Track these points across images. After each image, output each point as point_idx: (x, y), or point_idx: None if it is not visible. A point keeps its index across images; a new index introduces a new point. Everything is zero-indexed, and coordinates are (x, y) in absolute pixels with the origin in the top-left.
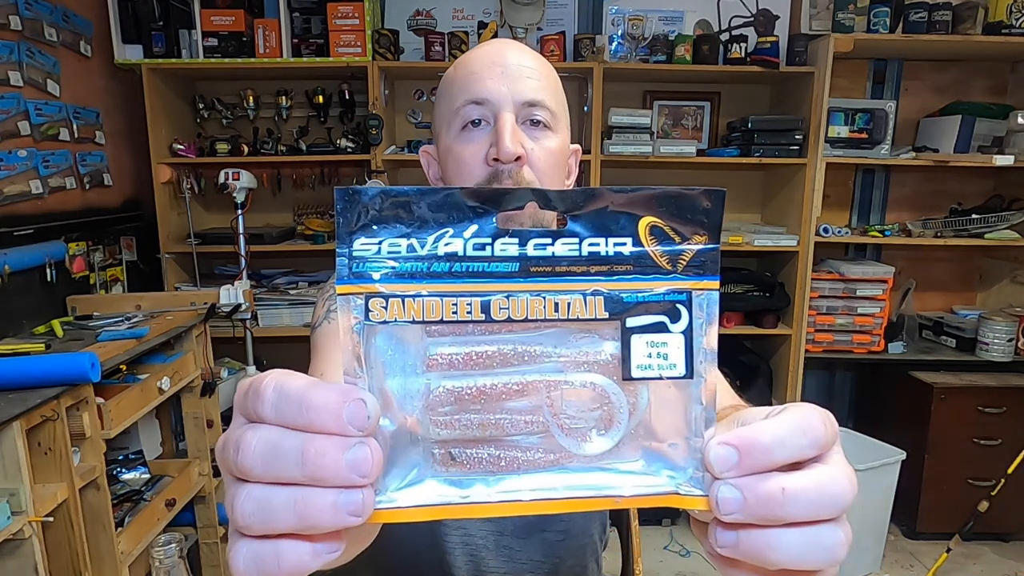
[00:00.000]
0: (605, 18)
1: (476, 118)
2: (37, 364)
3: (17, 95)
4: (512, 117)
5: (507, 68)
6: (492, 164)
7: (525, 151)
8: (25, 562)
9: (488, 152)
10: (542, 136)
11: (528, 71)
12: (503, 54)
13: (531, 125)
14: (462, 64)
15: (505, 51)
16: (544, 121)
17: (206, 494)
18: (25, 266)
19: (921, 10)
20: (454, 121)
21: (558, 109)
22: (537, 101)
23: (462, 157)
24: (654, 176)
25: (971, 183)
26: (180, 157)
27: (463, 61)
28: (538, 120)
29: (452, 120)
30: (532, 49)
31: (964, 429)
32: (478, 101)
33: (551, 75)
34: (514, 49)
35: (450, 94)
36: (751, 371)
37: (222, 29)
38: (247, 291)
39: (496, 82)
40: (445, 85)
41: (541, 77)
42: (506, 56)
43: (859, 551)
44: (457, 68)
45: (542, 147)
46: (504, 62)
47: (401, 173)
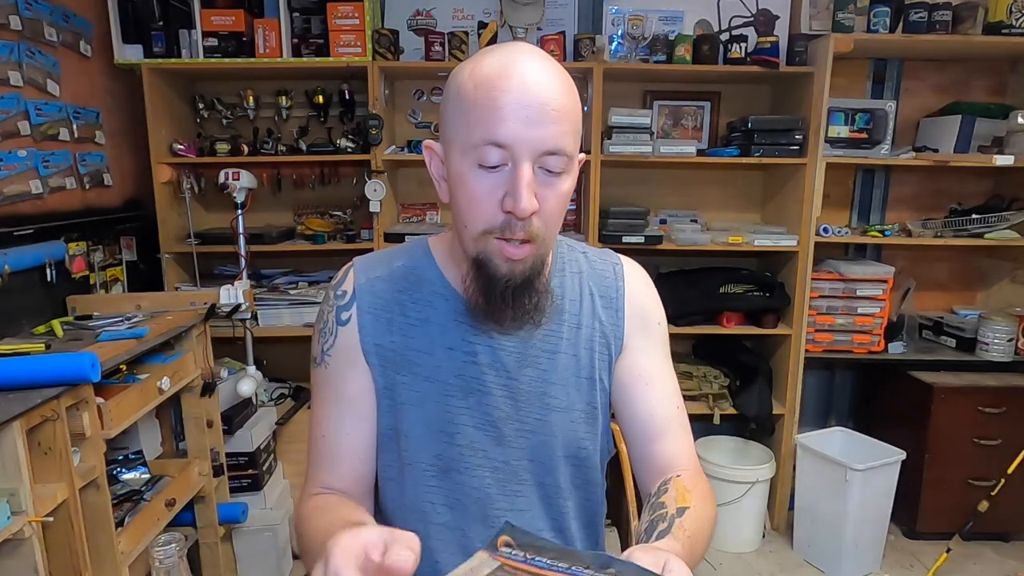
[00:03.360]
0: (605, 18)
1: (494, 162)
2: (37, 364)
3: (17, 95)
4: (531, 168)
5: (530, 107)
6: (506, 214)
7: (538, 200)
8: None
9: (503, 199)
10: (556, 182)
11: (554, 114)
12: (528, 87)
13: (547, 173)
14: (483, 86)
15: (529, 80)
16: (560, 168)
17: (206, 494)
18: (25, 266)
19: (921, 10)
20: (469, 152)
21: (574, 146)
22: (557, 149)
23: (475, 195)
24: (654, 176)
25: (971, 183)
26: (180, 157)
27: (484, 81)
28: (554, 167)
29: (467, 150)
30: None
31: (964, 429)
32: (499, 144)
33: (573, 104)
34: (542, 81)
35: (467, 117)
36: (751, 371)
37: (222, 29)
38: (247, 291)
39: (519, 126)
40: (462, 100)
41: (565, 118)
42: (531, 89)
43: (859, 551)
44: (478, 87)
45: (555, 193)
46: (530, 102)
47: (401, 173)
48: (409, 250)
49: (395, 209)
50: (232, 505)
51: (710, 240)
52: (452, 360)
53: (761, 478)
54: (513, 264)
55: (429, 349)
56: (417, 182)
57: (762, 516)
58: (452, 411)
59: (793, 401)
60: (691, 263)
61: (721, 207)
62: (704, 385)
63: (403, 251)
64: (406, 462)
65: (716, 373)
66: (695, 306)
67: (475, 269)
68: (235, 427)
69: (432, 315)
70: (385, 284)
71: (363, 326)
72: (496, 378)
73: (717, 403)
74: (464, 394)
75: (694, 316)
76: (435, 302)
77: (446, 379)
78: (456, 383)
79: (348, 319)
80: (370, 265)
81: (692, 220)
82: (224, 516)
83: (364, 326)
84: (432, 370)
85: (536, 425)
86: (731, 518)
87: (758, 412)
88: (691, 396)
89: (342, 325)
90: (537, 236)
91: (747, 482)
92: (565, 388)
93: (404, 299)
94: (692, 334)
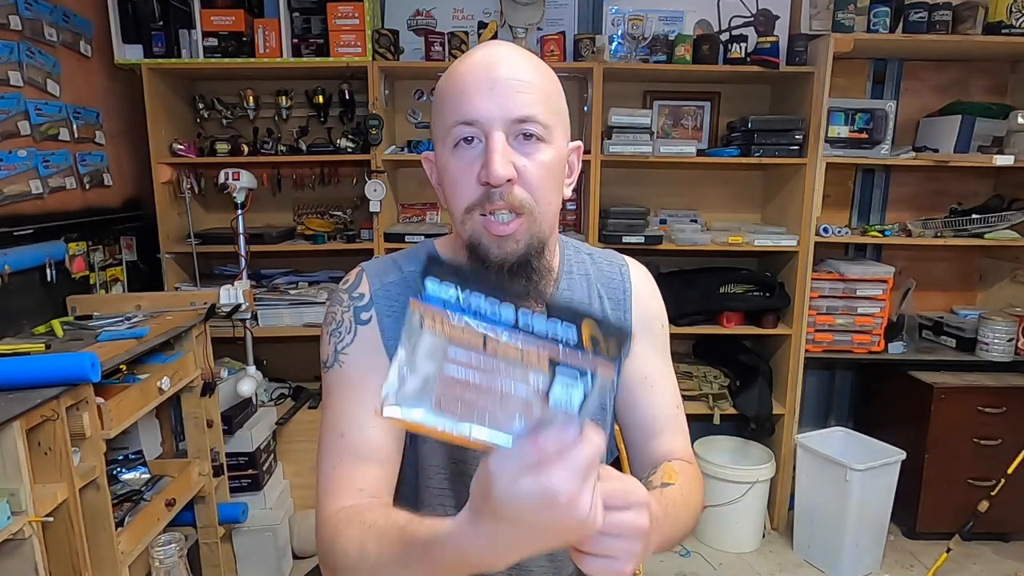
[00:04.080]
0: (605, 18)
1: (468, 136)
2: (37, 364)
3: (17, 95)
4: (502, 136)
5: (497, 83)
6: (484, 185)
7: (517, 169)
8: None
9: (479, 172)
10: (535, 151)
11: (519, 84)
12: (493, 67)
13: (523, 139)
14: (452, 77)
15: (496, 63)
16: (537, 134)
17: (206, 494)
18: (25, 266)
19: (921, 10)
20: (447, 138)
21: (552, 118)
22: (528, 116)
23: (455, 176)
24: (654, 176)
25: (971, 183)
26: (180, 157)
27: (453, 73)
28: (530, 134)
29: (445, 137)
30: (526, 51)
31: (964, 429)
32: (468, 121)
33: (545, 82)
34: (505, 59)
35: (443, 109)
36: (751, 371)
37: (222, 29)
38: (247, 291)
39: (485, 100)
40: (438, 97)
41: (533, 89)
42: (497, 69)
43: (859, 551)
44: (448, 80)
45: (535, 162)
46: (494, 77)
47: (401, 173)
48: (416, 255)
49: (395, 209)
50: (232, 505)
51: (710, 240)
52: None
53: (761, 478)
54: (504, 243)
55: None
56: (417, 182)
57: (762, 516)
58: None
59: (793, 401)
60: (691, 263)
61: (721, 207)
62: (704, 385)
63: (411, 256)
64: (421, 466)
65: (716, 373)
66: (695, 306)
67: (470, 256)
68: (235, 427)
69: None
70: (399, 288)
71: (384, 329)
72: None
73: (717, 403)
74: None
75: (694, 316)
76: None
77: None
78: None
79: (369, 319)
80: (381, 271)
81: (692, 220)
82: (224, 516)
83: (385, 329)
84: None
85: None
86: (731, 518)
87: (758, 412)
88: (691, 396)
89: (362, 324)
90: (523, 206)
91: (747, 482)
92: None
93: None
94: (692, 334)
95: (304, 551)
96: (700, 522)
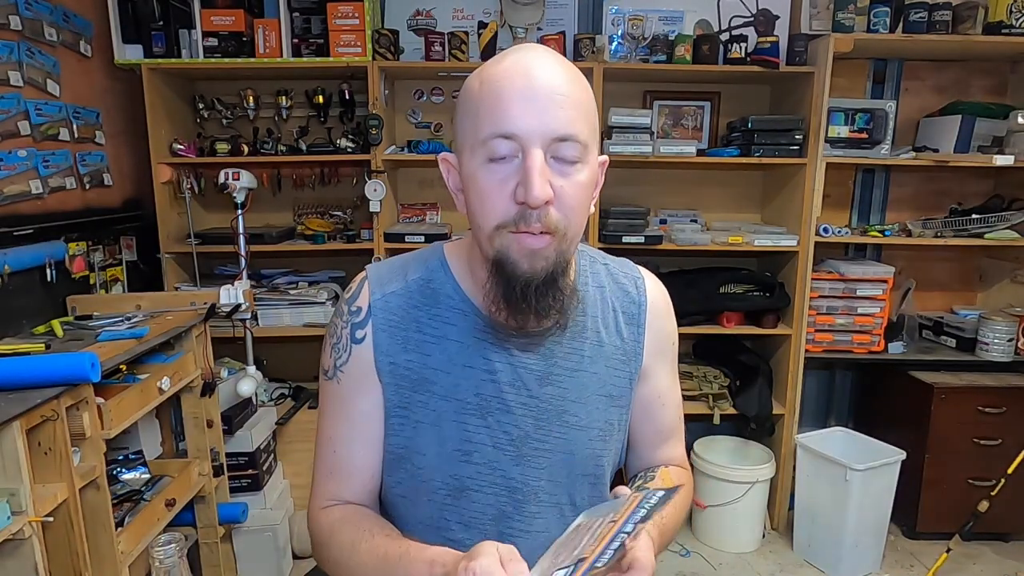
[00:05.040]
0: (605, 18)
1: (503, 153)
2: (37, 364)
3: (17, 95)
4: (541, 155)
5: (537, 95)
6: (519, 205)
7: (554, 189)
8: (25, 562)
9: (515, 191)
10: (572, 171)
11: (560, 99)
12: (533, 76)
13: (561, 159)
14: (489, 81)
15: (535, 72)
16: (576, 156)
17: (206, 494)
18: (25, 266)
19: (921, 10)
20: (479, 149)
21: (590, 136)
22: (569, 135)
23: (487, 191)
24: (654, 176)
25: (971, 183)
26: (180, 157)
27: (490, 77)
28: (568, 154)
29: (476, 147)
30: (563, 58)
31: (964, 429)
32: (506, 135)
33: (584, 96)
34: (545, 68)
35: (476, 115)
36: (751, 371)
37: (222, 29)
38: (247, 291)
39: (525, 114)
40: (470, 101)
41: (573, 104)
42: (536, 79)
43: (859, 551)
44: (483, 84)
45: (572, 183)
46: (534, 87)
47: (401, 173)
48: (424, 261)
49: (395, 209)
50: (232, 505)
51: (710, 240)
52: (470, 378)
53: (761, 478)
54: (534, 259)
55: (446, 367)
56: (417, 182)
57: (762, 516)
58: (470, 430)
59: (793, 401)
60: (691, 263)
61: (721, 207)
62: (704, 385)
63: (418, 262)
64: (420, 480)
65: (716, 373)
66: (695, 306)
67: (495, 271)
68: (235, 427)
69: (450, 332)
70: (400, 299)
71: (378, 344)
72: (516, 396)
73: (717, 403)
74: (482, 413)
75: (694, 316)
76: (453, 318)
77: (464, 398)
78: (474, 401)
79: (363, 337)
80: (384, 278)
81: (692, 220)
82: (224, 516)
83: (379, 344)
84: (449, 388)
85: (556, 444)
86: (731, 518)
87: (758, 412)
88: (691, 396)
89: (357, 343)
90: (557, 228)
91: (747, 482)
92: (585, 406)
93: (420, 315)
94: (692, 334)
95: (304, 551)
96: (700, 522)
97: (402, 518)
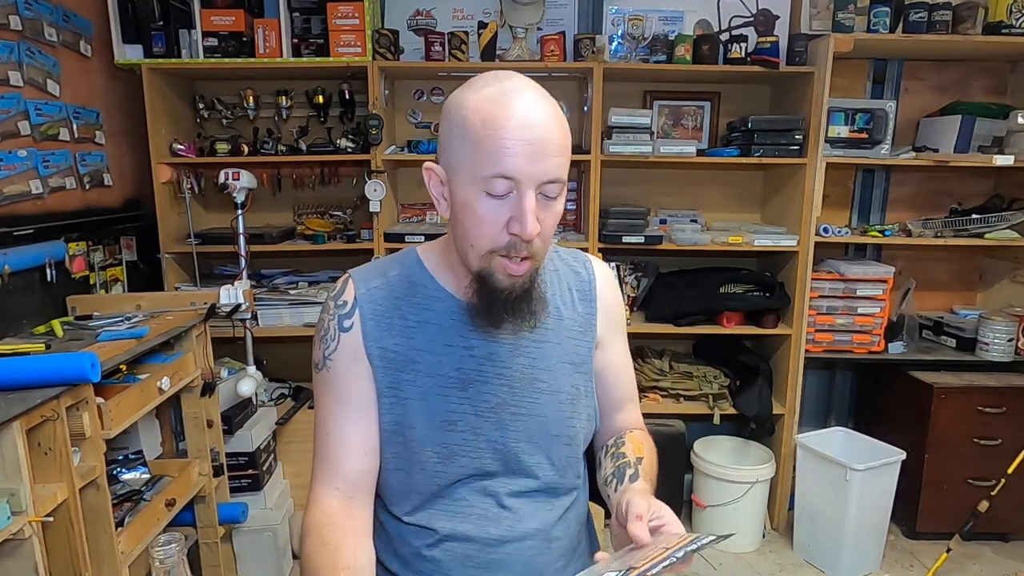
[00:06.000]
0: (605, 18)
1: (502, 190)
2: (37, 364)
3: (17, 95)
4: (534, 195)
5: (535, 146)
6: (511, 236)
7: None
8: (25, 562)
9: (509, 223)
10: (552, 204)
11: (553, 148)
12: (532, 127)
13: (546, 197)
14: (491, 123)
15: (532, 120)
16: (557, 192)
17: (206, 494)
18: (25, 266)
19: (921, 10)
20: (478, 182)
21: (567, 173)
22: (556, 179)
23: (483, 219)
24: (654, 176)
25: (971, 183)
26: (180, 157)
27: (493, 120)
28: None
29: (476, 180)
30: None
31: (964, 429)
32: (507, 177)
33: (567, 139)
34: (539, 117)
35: (476, 150)
36: (751, 371)
37: (222, 29)
38: (247, 291)
39: (525, 161)
40: (469, 133)
41: (562, 150)
42: (534, 130)
43: (859, 551)
44: (486, 125)
45: (551, 213)
46: (532, 140)
47: (401, 173)
48: (401, 260)
49: (395, 209)
50: (232, 505)
51: (710, 240)
52: (451, 356)
53: (761, 478)
54: (513, 279)
55: (429, 348)
56: (417, 182)
57: (762, 516)
58: (453, 402)
59: (793, 401)
60: (691, 263)
61: (721, 207)
62: (704, 385)
63: (395, 262)
64: (412, 451)
65: (716, 373)
66: (695, 306)
67: (478, 283)
68: (235, 427)
69: (429, 316)
70: (383, 292)
71: (367, 332)
72: (492, 368)
73: (717, 403)
74: (463, 385)
75: (694, 316)
76: (431, 305)
77: (447, 373)
78: (456, 376)
79: (351, 326)
80: (367, 276)
81: (692, 220)
82: (224, 516)
83: (368, 331)
84: (433, 366)
85: (531, 408)
86: (731, 518)
87: (758, 412)
88: (691, 396)
89: (345, 332)
90: (536, 254)
91: (747, 482)
92: (553, 373)
93: (402, 304)
94: (692, 334)
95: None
96: (700, 522)
97: (399, 488)
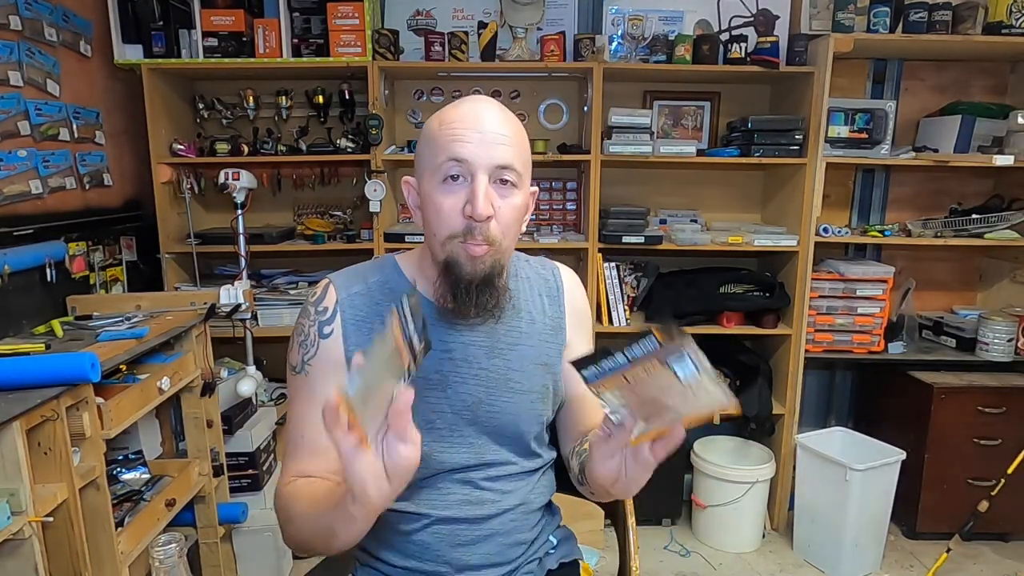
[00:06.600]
0: (605, 18)
1: (455, 173)
2: (37, 364)
3: (17, 95)
4: (486, 179)
5: (485, 134)
6: (467, 219)
7: (495, 209)
8: (25, 562)
9: (464, 207)
10: (509, 194)
11: (501, 138)
12: (482, 120)
13: (501, 184)
14: (446, 123)
15: (484, 117)
16: (512, 181)
17: (206, 494)
18: (25, 266)
19: (921, 10)
20: (436, 173)
21: (523, 168)
22: (507, 164)
23: (441, 207)
24: (654, 176)
25: (971, 183)
26: (180, 157)
27: (447, 119)
28: (507, 180)
29: (435, 171)
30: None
31: (964, 429)
32: (458, 159)
33: (520, 139)
34: (491, 115)
35: (434, 146)
36: (751, 371)
37: (222, 29)
38: (247, 291)
39: (475, 146)
40: (429, 135)
41: (512, 143)
42: (484, 123)
43: (859, 551)
44: (442, 125)
45: (508, 204)
46: (482, 128)
47: (401, 173)
48: (380, 267)
49: (395, 209)
50: (232, 505)
51: (710, 240)
52: (430, 358)
53: (761, 478)
54: (475, 263)
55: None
56: None
57: (762, 516)
58: (432, 402)
59: (793, 401)
60: (691, 263)
61: (721, 207)
62: None
63: (374, 268)
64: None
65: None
66: (695, 306)
67: (443, 271)
68: (235, 427)
69: None
70: (364, 299)
71: (348, 337)
72: (469, 369)
73: None
74: (443, 386)
75: (694, 316)
76: None
77: (426, 375)
78: (435, 378)
79: (331, 332)
80: (347, 282)
81: (692, 220)
82: (224, 516)
83: (348, 337)
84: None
85: (505, 406)
86: (731, 518)
87: (758, 412)
88: None
89: (324, 338)
90: (495, 240)
91: (747, 482)
92: (525, 374)
93: (383, 310)
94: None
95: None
96: (700, 522)
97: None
